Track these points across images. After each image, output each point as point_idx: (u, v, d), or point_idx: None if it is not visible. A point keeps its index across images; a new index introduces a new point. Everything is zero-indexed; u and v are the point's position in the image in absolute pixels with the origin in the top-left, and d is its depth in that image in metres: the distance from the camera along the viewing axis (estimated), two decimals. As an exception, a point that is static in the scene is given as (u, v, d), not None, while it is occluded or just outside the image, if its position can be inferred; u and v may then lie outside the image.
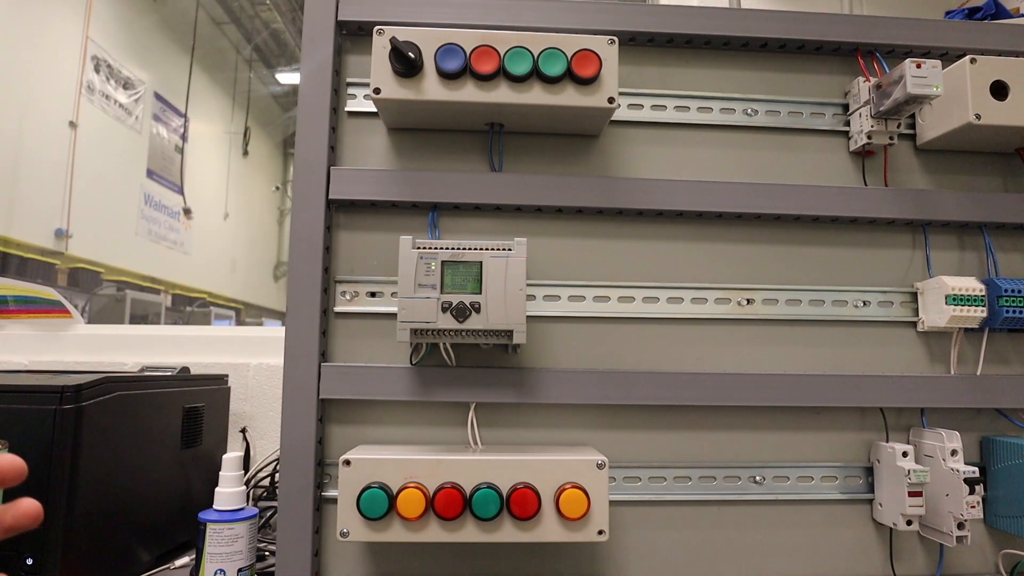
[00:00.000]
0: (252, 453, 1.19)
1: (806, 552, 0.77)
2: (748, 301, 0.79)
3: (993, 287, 0.76)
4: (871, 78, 0.79)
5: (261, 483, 1.10)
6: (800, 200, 0.78)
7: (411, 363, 0.74)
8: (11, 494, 0.41)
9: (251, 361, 1.24)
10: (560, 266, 0.79)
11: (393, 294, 0.77)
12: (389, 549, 0.74)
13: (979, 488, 0.70)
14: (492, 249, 0.69)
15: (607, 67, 0.70)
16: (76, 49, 3.35)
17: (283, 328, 0.73)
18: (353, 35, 0.80)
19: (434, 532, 0.64)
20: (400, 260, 0.68)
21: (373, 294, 0.77)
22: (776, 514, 0.77)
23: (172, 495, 0.88)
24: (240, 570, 0.72)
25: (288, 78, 5.48)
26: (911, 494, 0.71)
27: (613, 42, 0.71)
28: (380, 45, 0.70)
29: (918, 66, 0.71)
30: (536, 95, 0.70)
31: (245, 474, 0.87)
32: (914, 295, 0.80)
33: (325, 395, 0.73)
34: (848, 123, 0.82)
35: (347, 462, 0.65)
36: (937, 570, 0.77)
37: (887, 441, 0.77)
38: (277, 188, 6.05)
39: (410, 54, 0.68)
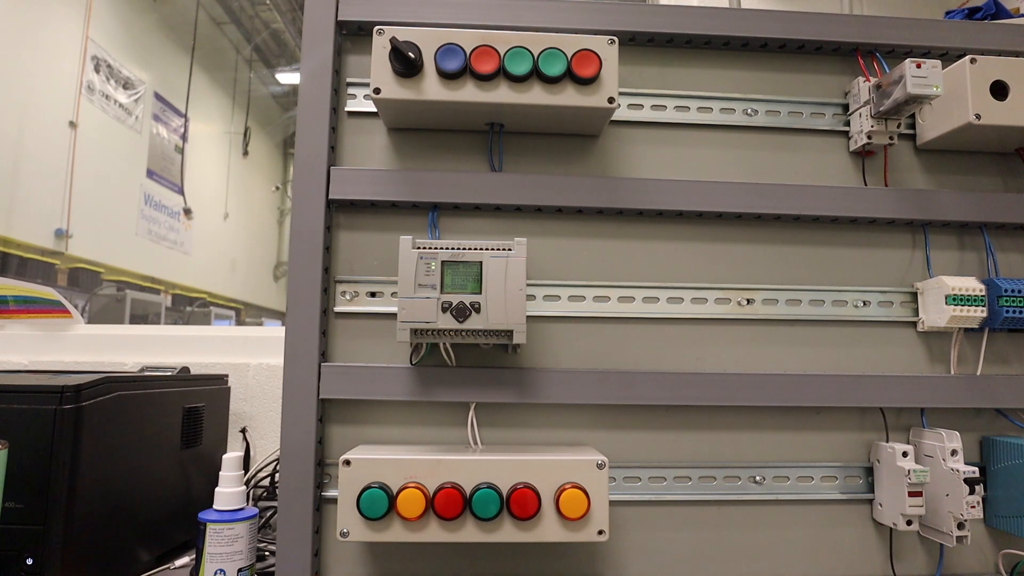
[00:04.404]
0: (252, 453, 1.19)
1: (806, 552, 0.77)
2: (748, 301, 0.79)
3: (993, 287, 0.76)
4: (871, 78, 0.79)
5: (261, 483, 1.10)
6: (800, 200, 0.78)
7: (411, 363, 0.74)
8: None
9: (251, 361, 1.24)
10: (560, 266, 0.79)
11: (393, 294, 0.77)
12: (389, 549, 0.74)
13: (979, 488, 0.70)
14: (492, 249, 0.69)
15: (607, 67, 0.70)
16: (76, 49, 3.35)
17: (283, 328, 0.73)
18: (353, 35, 0.80)
19: (434, 532, 0.64)
20: (400, 260, 0.68)
21: (373, 294, 0.77)
22: (776, 514, 0.77)
23: (172, 495, 0.88)
24: (240, 570, 0.72)
25: (288, 78, 5.48)
26: (911, 494, 0.71)
27: (613, 42, 0.71)
28: (380, 45, 0.70)
29: (918, 66, 0.71)
30: (536, 95, 0.70)
31: (245, 474, 0.87)
32: (914, 295, 0.80)
33: (325, 395, 0.73)
34: (848, 123, 0.82)
35: (347, 462, 0.65)
36: (937, 570, 0.77)
37: (887, 441, 0.77)
38: (277, 188, 6.05)
39: (410, 54, 0.68)
